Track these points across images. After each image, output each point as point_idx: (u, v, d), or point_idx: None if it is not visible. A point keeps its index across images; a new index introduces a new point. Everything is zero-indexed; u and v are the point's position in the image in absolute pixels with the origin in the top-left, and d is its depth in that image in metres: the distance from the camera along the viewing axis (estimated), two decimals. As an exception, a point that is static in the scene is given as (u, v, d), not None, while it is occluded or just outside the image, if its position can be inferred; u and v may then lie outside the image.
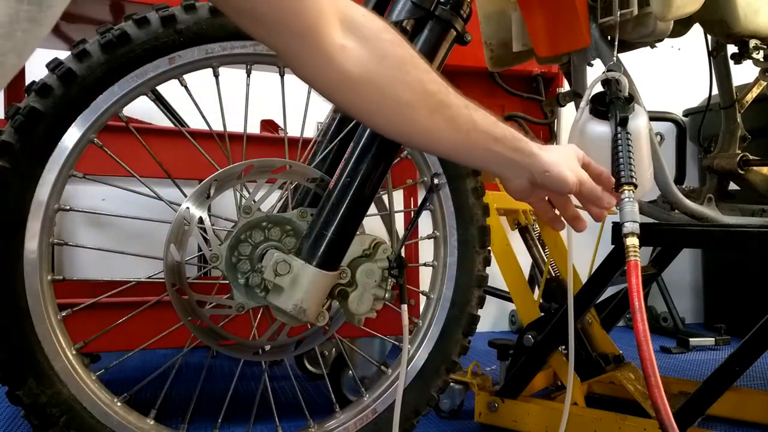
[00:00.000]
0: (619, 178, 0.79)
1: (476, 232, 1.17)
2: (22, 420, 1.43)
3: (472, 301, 1.17)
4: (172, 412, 1.42)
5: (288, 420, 1.29)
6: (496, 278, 1.56)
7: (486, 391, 1.42)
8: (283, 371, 1.92)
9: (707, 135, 1.67)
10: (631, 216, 0.76)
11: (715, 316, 2.85)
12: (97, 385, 0.98)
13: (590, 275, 1.35)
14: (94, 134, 0.98)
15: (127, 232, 2.23)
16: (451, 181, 1.15)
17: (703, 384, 1.18)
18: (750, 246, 1.19)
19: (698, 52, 1.55)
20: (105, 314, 1.18)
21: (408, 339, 1.01)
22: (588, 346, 1.45)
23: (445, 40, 0.92)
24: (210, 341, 1.02)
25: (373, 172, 0.90)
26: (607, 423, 1.28)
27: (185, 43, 0.99)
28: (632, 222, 0.75)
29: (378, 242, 0.97)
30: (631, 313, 0.69)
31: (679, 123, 1.86)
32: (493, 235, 1.27)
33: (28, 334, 0.93)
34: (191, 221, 0.98)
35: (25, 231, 0.93)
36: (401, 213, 1.50)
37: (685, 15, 1.14)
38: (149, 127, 1.59)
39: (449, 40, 0.93)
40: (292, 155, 1.14)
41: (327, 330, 1.09)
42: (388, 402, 1.12)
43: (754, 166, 1.54)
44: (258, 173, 1.03)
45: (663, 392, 0.67)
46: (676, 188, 1.29)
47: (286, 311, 0.88)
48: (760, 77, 1.54)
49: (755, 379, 1.90)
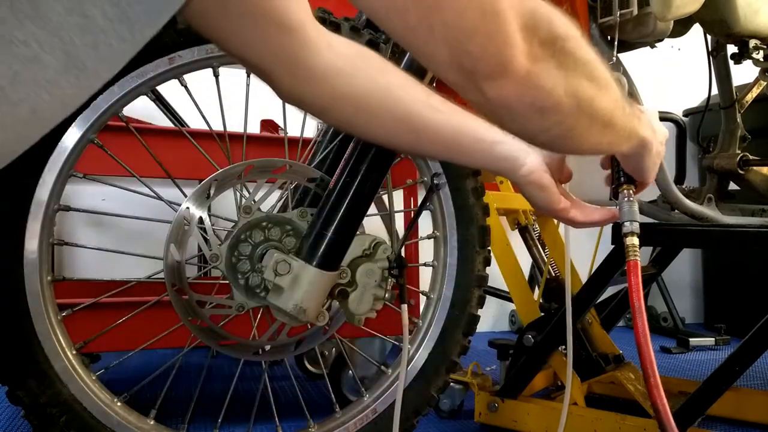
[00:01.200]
0: (618, 178, 0.79)
1: (476, 232, 1.17)
2: (22, 420, 1.43)
3: (472, 301, 1.17)
4: (172, 412, 1.42)
5: (288, 420, 1.29)
6: (496, 278, 1.56)
7: (486, 391, 1.42)
8: (283, 371, 1.92)
9: (707, 135, 1.67)
10: (631, 215, 0.75)
11: (715, 316, 2.85)
12: (97, 385, 0.98)
13: (590, 275, 1.35)
14: (94, 134, 0.98)
15: (127, 232, 2.23)
16: (451, 181, 1.15)
17: (703, 384, 1.18)
18: (750, 246, 1.19)
19: (698, 52, 1.55)
20: (105, 314, 1.18)
21: (408, 339, 1.01)
22: (588, 346, 1.45)
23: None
24: (210, 341, 1.02)
25: (373, 172, 0.90)
26: (607, 423, 1.28)
27: (185, 43, 0.99)
28: (632, 221, 0.75)
29: (378, 242, 0.97)
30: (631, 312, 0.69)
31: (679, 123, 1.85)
32: (493, 235, 1.27)
33: (28, 334, 0.93)
34: (191, 221, 0.98)
35: (24, 231, 0.93)
36: (401, 213, 1.50)
37: (685, 15, 1.14)
38: (149, 127, 1.59)
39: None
40: (292, 155, 1.14)
41: (327, 330, 1.09)
42: (389, 402, 1.12)
43: (754, 166, 1.54)
44: (258, 173, 1.03)
45: (662, 392, 0.67)
46: (676, 188, 1.29)
47: (286, 311, 0.88)
48: (760, 77, 1.54)
49: (755, 379, 1.90)
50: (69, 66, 0.39)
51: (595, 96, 0.59)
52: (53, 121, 0.43)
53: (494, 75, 0.51)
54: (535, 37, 0.51)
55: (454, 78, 0.53)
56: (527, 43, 0.51)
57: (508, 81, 0.52)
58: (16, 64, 0.37)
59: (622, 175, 0.78)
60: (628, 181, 0.77)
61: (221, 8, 0.63)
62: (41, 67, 0.38)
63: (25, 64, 0.38)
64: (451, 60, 0.50)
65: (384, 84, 0.73)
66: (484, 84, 0.52)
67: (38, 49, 0.38)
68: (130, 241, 2.18)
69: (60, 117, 0.43)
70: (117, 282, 1.14)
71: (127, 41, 0.41)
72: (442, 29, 0.48)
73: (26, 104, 0.39)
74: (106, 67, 0.42)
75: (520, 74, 0.51)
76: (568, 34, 0.54)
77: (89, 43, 0.39)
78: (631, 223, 0.75)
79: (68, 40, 0.38)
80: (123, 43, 0.41)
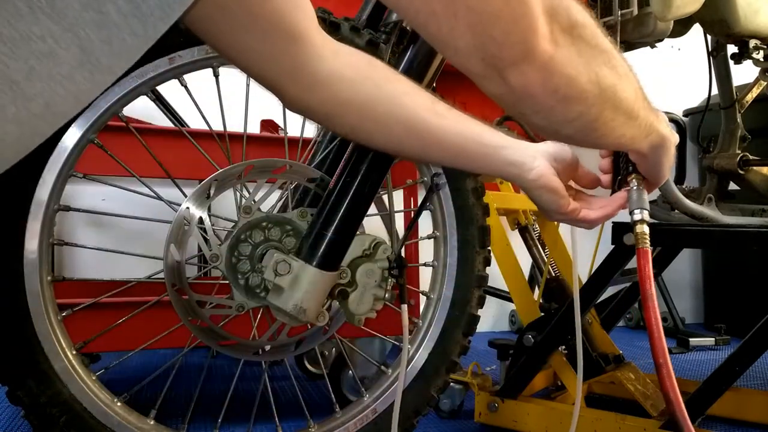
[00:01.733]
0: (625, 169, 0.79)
1: (476, 232, 1.17)
2: (22, 420, 1.43)
3: (472, 301, 1.17)
4: (172, 412, 1.42)
5: (288, 420, 1.29)
6: (496, 278, 1.56)
7: (486, 391, 1.42)
8: (283, 371, 1.92)
9: (707, 135, 1.67)
10: (640, 204, 0.75)
11: (715, 316, 2.85)
12: (97, 385, 0.98)
13: (590, 275, 1.35)
14: (94, 134, 0.98)
15: (127, 232, 2.23)
16: (451, 181, 1.15)
17: (703, 384, 1.18)
18: (750, 246, 1.19)
19: (698, 52, 1.55)
20: (105, 314, 1.18)
21: (408, 339, 1.01)
22: (588, 346, 1.45)
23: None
24: (210, 341, 1.02)
25: (373, 172, 0.90)
26: (607, 423, 1.28)
27: (185, 43, 0.99)
28: (641, 209, 0.74)
29: (378, 242, 0.97)
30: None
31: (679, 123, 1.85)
32: (493, 235, 1.27)
33: (28, 334, 0.93)
34: (191, 221, 0.98)
35: (24, 231, 0.93)
36: (401, 213, 1.50)
37: (685, 15, 1.14)
38: (149, 127, 1.59)
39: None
40: (292, 155, 1.14)
41: (327, 330, 1.09)
42: (388, 402, 1.11)
43: (754, 166, 1.54)
44: (258, 173, 1.03)
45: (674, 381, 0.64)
46: (676, 188, 1.29)
47: (286, 311, 0.88)
48: (760, 77, 1.54)
49: (755, 379, 1.90)
50: (83, 61, 0.40)
51: (617, 84, 0.58)
52: (66, 115, 0.43)
53: (518, 61, 0.51)
54: (555, 23, 0.51)
55: (476, 67, 0.52)
56: (549, 28, 0.50)
57: (531, 67, 0.51)
58: (32, 59, 0.38)
59: (627, 165, 0.77)
60: (635, 171, 0.77)
61: (225, 15, 0.62)
62: (57, 62, 0.39)
63: (41, 59, 0.38)
64: (474, 47, 0.50)
65: (389, 91, 0.73)
66: (507, 71, 0.51)
67: (54, 44, 0.38)
68: (130, 241, 2.18)
69: (73, 112, 0.43)
70: (117, 282, 1.14)
71: (140, 36, 0.41)
72: (466, 14, 0.48)
73: (41, 99, 0.40)
74: (120, 62, 0.42)
75: (544, 60, 0.51)
76: (585, 21, 0.54)
77: (104, 39, 0.40)
78: (641, 211, 0.74)
79: (83, 35, 0.39)
80: (136, 38, 0.41)
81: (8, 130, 0.40)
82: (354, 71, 0.71)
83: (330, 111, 0.72)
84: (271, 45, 0.65)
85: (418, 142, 0.75)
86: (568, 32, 0.52)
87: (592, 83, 0.56)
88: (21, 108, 0.39)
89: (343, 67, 0.70)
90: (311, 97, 0.70)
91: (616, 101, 0.59)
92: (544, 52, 0.51)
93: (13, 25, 0.36)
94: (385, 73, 0.74)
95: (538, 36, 0.50)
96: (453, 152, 0.77)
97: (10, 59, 0.37)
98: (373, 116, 0.73)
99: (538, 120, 0.59)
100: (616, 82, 0.58)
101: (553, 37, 0.51)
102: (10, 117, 0.39)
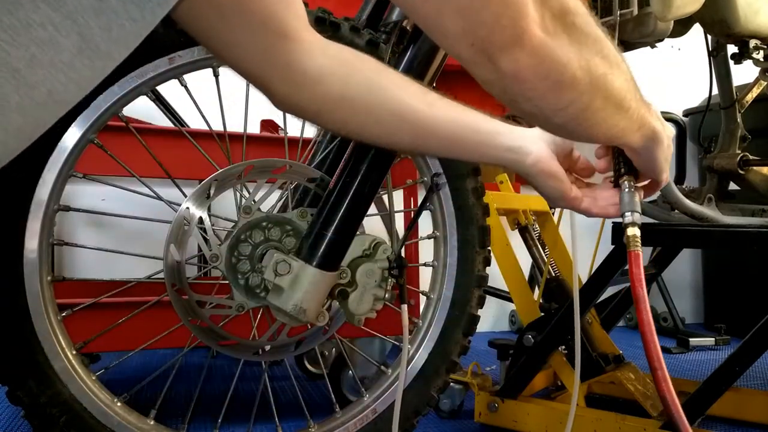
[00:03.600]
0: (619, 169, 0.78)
1: (476, 232, 1.17)
2: (22, 420, 1.43)
3: (472, 301, 1.17)
4: (172, 412, 1.42)
5: (288, 420, 1.29)
6: (496, 278, 1.56)
7: (486, 391, 1.42)
8: (283, 371, 1.92)
9: (707, 135, 1.68)
10: (632, 206, 0.74)
11: (715, 316, 2.85)
12: (97, 385, 0.98)
13: (590, 275, 1.35)
14: (94, 134, 0.98)
15: (127, 232, 2.23)
16: (451, 181, 1.15)
17: (703, 384, 1.18)
18: (750, 246, 1.19)
19: (698, 52, 1.55)
20: (105, 314, 1.18)
21: (408, 339, 1.01)
22: (588, 346, 1.45)
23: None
24: (210, 341, 1.02)
25: (373, 172, 0.90)
26: (607, 423, 1.28)
27: (185, 43, 0.99)
28: (632, 212, 0.74)
29: (378, 242, 0.97)
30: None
31: (679, 123, 1.86)
32: (493, 235, 1.27)
33: (28, 334, 0.93)
34: (191, 221, 0.98)
35: (24, 231, 0.93)
36: (401, 213, 1.50)
37: (685, 15, 1.14)
38: (149, 127, 1.59)
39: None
40: (292, 155, 1.14)
41: (327, 330, 1.09)
42: (388, 402, 1.11)
43: (754, 166, 1.54)
44: (258, 173, 1.03)
45: (670, 384, 0.65)
46: (676, 188, 1.29)
47: (286, 311, 0.88)
48: (760, 77, 1.54)
49: (755, 379, 1.90)
50: (83, 48, 0.40)
51: (608, 73, 0.58)
52: (69, 103, 0.43)
53: (508, 45, 0.50)
54: (546, 8, 0.51)
55: (466, 53, 0.52)
56: (539, 14, 0.50)
57: (522, 52, 0.51)
58: (32, 46, 0.38)
59: (623, 165, 0.77)
60: (629, 172, 0.76)
61: (214, 9, 0.62)
62: (58, 49, 0.39)
63: (42, 46, 0.38)
64: (464, 31, 0.50)
65: (380, 83, 0.73)
66: (498, 56, 0.51)
67: (54, 31, 0.38)
68: (130, 241, 2.18)
69: (75, 100, 0.43)
70: (117, 282, 1.14)
71: (138, 22, 0.41)
72: None
73: (43, 86, 0.40)
74: (119, 48, 0.42)
75: (534, 44, 0.51)
76: (577, 9, 0.54)
77: (103, 25, 0.40)
78: (632, 214, 0.73)
79: (83, 22, 0.39)
80: (134, 24, 0.41)
81: (12, 119, 0.40)
82: (343, 66, 0.71)
83: (320, 108, 0.72)
84: (261, 41, 0.65)
85: (411, 133, 0.75)
86: (560, 18, 0.52)
87: (583, 71, 0.55)
88: (24, 96, 0.39)
89: (332, 63, 0.70)
90: (301, 95, 0.70)
91: (607, 91, 0.59)
92: (534, 36, 0.50)
93: (13, 12, 0.36)
94: (374, 66, 0.74)
95: (528, 20, 0.49)
96: (448, 141, 0.76)
97: (11, 47, 0.37)
98: (364, 109, 0.73)
99: (530, 107, 0.58)
100: (608, 71, 0.58)
101: (544, 22, 0.51)
102: (13, 106, 0.39)
